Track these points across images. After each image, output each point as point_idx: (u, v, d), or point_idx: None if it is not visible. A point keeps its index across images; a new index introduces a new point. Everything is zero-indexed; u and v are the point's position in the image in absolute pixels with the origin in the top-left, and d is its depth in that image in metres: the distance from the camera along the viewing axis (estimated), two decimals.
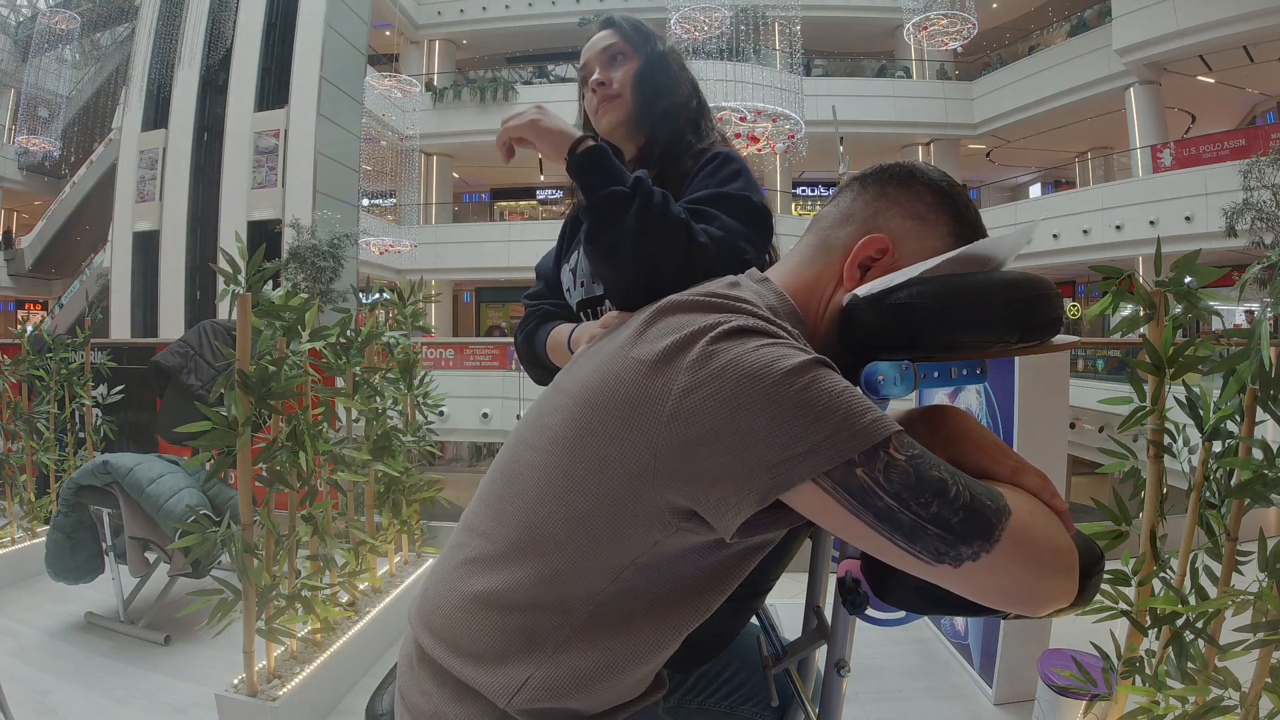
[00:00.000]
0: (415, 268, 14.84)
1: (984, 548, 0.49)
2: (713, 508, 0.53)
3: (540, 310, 1.22)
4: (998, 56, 16.40)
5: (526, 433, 0.68)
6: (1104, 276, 1.32)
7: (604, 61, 1.19)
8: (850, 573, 0.62)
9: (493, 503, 0.68)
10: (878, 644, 2.37)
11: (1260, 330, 1.15)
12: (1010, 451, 0.61)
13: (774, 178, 17.10)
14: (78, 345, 3.30)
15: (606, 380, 0.59)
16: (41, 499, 3.28)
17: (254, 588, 1.78)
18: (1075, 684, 1.48)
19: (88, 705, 2.01)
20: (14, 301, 18.80)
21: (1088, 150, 17.01)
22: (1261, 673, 1.16)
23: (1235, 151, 11.04)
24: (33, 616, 2.62)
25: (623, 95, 1.17)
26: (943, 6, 11.46)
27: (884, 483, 0.49)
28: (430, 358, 9.25)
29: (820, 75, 16.43)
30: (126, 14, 16.23)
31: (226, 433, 1.71)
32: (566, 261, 1.23)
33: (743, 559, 0.63)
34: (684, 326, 0.56)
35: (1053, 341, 0.65)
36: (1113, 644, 1.43)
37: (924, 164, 0.70)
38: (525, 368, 1.24)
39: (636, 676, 0.64)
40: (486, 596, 0.63)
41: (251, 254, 1.77)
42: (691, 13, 11.90)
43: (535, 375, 1.22)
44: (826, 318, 0.67)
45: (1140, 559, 1.33)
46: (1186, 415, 1.31)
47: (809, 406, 0.50)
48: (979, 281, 0.61)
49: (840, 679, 0.74)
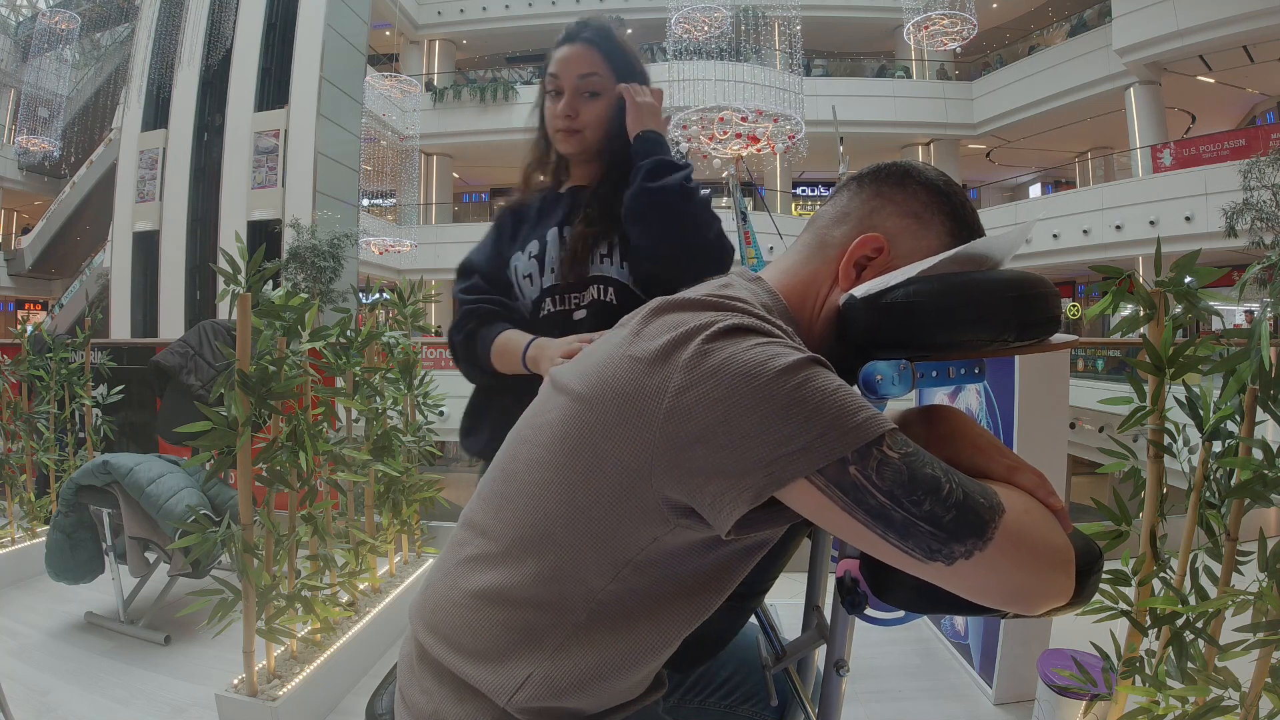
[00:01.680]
0: (415, 268, 14.83)
1: (977, 545, 0.49)
2: (709, 504, 0.54)
3: (480, 309, 1.18)
4: (998, 56, 16.41)
5: (525, 430, 0.68)
6: (1104, 276, 1.32)
7: (577, 89, 1.17)
8: (849, 572, 0.62)
9: (492, 500, 0.68)
10: (878, 644, 2.37)
11: (1260, 330, 1.15)
12: (1006, 450, 0.61)
13: (774, 178, 17.11)
14: (78, 345, 3.30)
15: (604, 377, 0.59)
16: (41, 499, 3.28)
17: (254, 588, 1.78)
18: (1075, 684, 1.48)
19: (88, 705, 2.01)
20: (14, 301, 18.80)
21: (1088, 150, 17.02)
22: (1261, 673, 1.16)
23: (1235, 151, 11.05)
24: (33, 616, 2.62)
25: (586, 134, 1.18)
26: (943, 6, 11.46)
27: (877, 480, 0.49)
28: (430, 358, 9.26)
29: (820, 75, 16.44)
30: (126, 14, 16.24)
31: (226, 433, 1.71)
32: (519, 250, 1.20)
33: (742, 558, 0.63)
34: (680, 325, 0.57)
35: (1051, 340, 0.65)
36: (1113, 644, 1.43)
37: (921, 163, 0.70)
38: (461, 367, 1.21)
39: (636, 676, 0.64)
40: (487, 594, 0.63)
41: (251, 254, 1.77)
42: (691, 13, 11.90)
43: (472, 376, 1.19)
44: (822, 317, 0.67)
45: (1140, 559, 1.33)
46: (1186, 415, 1.31)
47: (802, 405, 0.50)
48: (976, 280, 0.61)
49: (840, 679, 0.73)
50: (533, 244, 1.19)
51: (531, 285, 1.18)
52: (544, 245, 1.19)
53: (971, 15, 11.31)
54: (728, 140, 11.29)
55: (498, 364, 1.13)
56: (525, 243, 1.20)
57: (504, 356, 1.12)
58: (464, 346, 1.17)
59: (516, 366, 1.10)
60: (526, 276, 1.19)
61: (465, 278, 1.24)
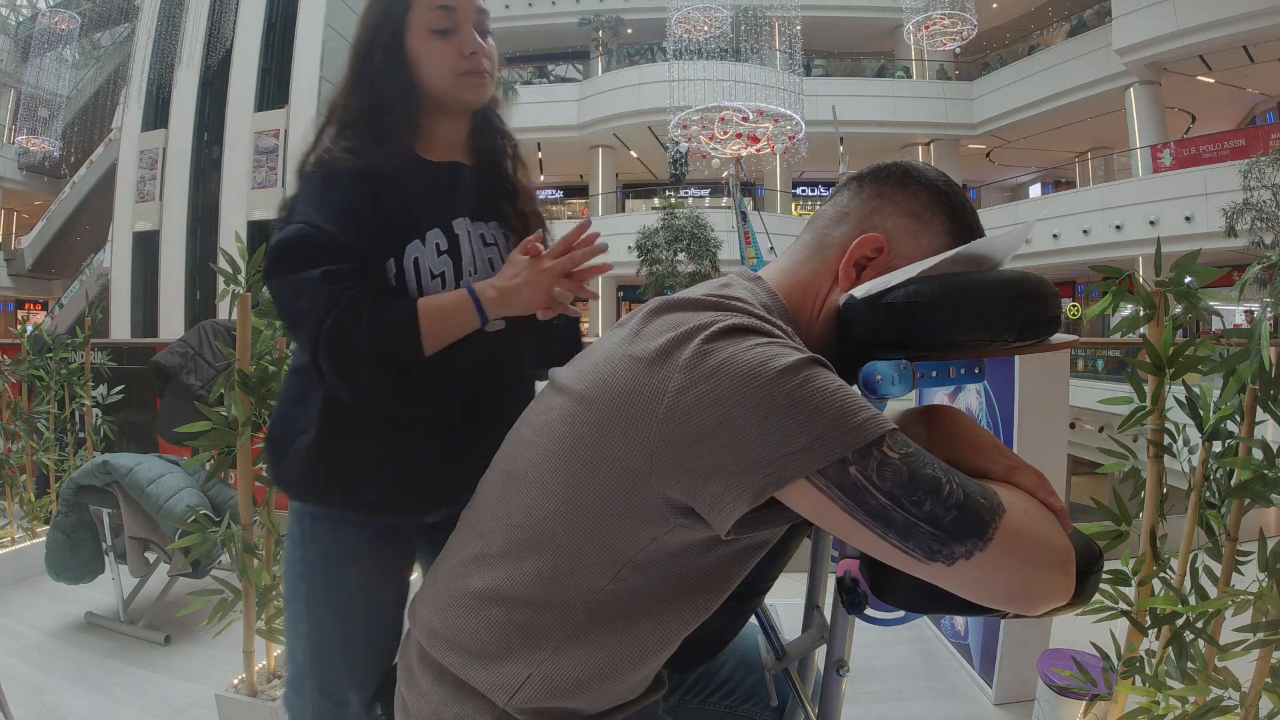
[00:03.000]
0: None
1: (977, 545, 0.49)
2: (708, 504, 0.54)
3: (360, 295, 0.87)
4: (997, 57, 16.41)
5: (525, 430, 0.68)
6: (1104, 276, 1.32)
7: (482, 27, 0.99)
8: (849, 572, 0.62)
9: (492, 501, 0.68)
10: (878, 644, 2.37)
11: (1260, 330, 1.15)
12: (1006, 450, 0.61)
13: (774, 178, 17.12)
14: (78, 345, 3.30)
15: (604, 377, 0.59)
16: (41, 499, 3.28)
17: (254, 588, 1.78)
18: (1075, 684, 1.48)
19: (88, 705, 2.01)
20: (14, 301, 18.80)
21: (1088, 150, 17.01)
22: (1261, 673, 1.16)
23: (1235, 151, 11.05)
24: (33, 616, 2.62)
25: (489, 81, 1.01)
26: (943, 6, 11.47)
27: (877, 480, 0.49)
28: None
29: (820, 75, 16.44)
30: (126, 14, 16.24)
31: (226, 433, 1.71)
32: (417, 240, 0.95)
33: (741, 558, 0.63)
34: (680, 324, 0.56)
35: (1051, 340, 0.65)
36: (1113, 644, 1.43)
37: (921, 164, 0.70)
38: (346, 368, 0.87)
39: (636, 676, 0.64)
40: (487, 594, 0.63)
41: (251, 254, 1.77)
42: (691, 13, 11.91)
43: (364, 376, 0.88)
44: (822, 317, 0.67)
45: (1140, 559, 1.33)
46: (1186, 415, 1.31)
47: (803, 405, 0.50)
48: (976, 280, 0.61)
49: (840, 679, 0.73)
50: (434, 234, 0.96)
51: (444, 288, 0.95)
52: (454, 240, 0.97)
53: (971, 15, 11.33)
54: (728, 140, 11.30)
55: (440, 330, 0.89)
56: (420, 230, 0.95)
57: (444, 318, 0.89)
58: (356, 332, 0.85)
59: (467, 323, 0.91)
60: (437, 277, 0.95)
61: (323, 260, 0.88)
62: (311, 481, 0.98)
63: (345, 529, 1.00)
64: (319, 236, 0.90)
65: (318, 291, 0.87)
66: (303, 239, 0.90)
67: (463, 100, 1.00)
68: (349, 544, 1.00)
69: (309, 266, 0.88)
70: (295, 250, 0.90)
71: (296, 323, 0.91)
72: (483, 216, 1.02)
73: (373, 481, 0.96)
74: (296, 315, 0.90)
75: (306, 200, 0.94)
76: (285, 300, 0.93)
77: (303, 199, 0.94)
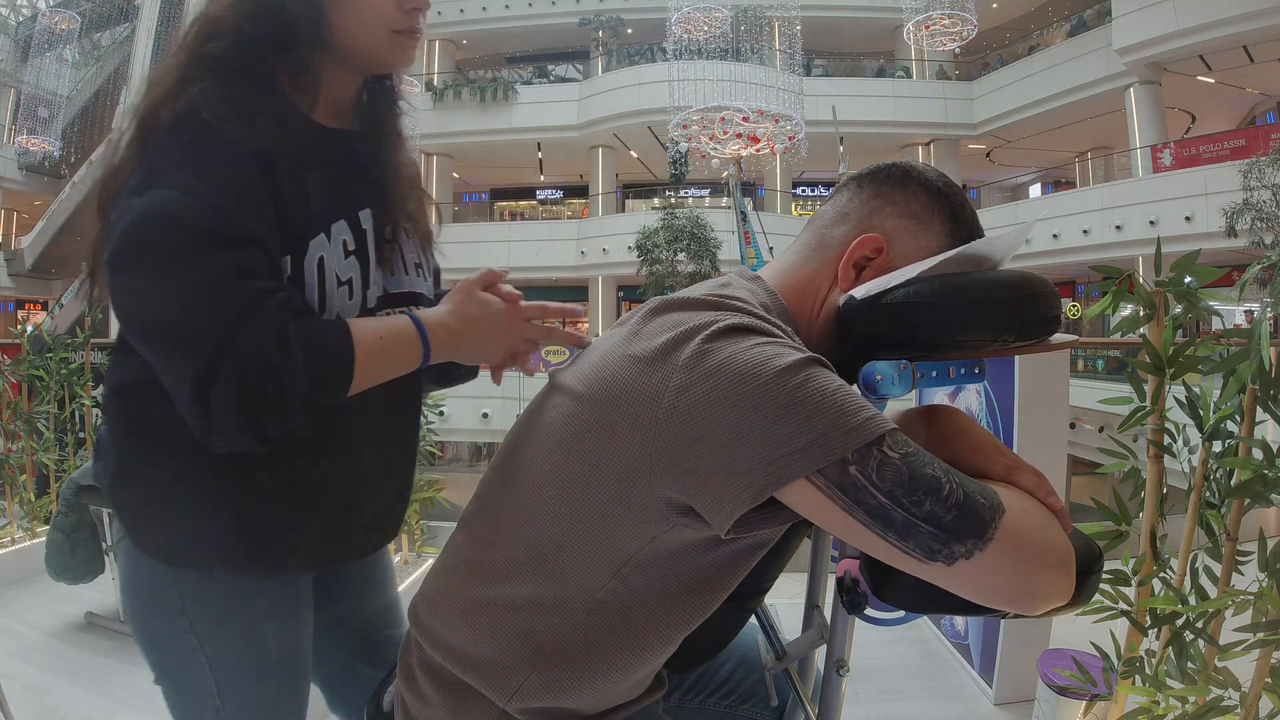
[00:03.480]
0: None
1: (977, 545, 0.49)
2: (708, 503, 0.54)
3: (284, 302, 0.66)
4: (997, 56, 16.41)
5: (524, 431, 0.68)
6: (1104, 276, 1.32)
7: None
8: (849, 572, 0.62)
9: (491, 503, 0.68)
10: (878, 644, 2.37)
11: (1260, 330, 1.15)
12: (1006, 450, 0.61)
13: (774, 178, 17.11)
14: (78, 345, 3.30)
15: (604, 377, 0.59)
16: (41, 499, 3.28)
17: None
18: (1075, 684, 1.47)
19: (88, 705, 2.01)
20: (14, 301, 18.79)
21: (1088, 150, 17.01)
22: (1261, 673, 1.16)
23: (1235, 151, 11.05)
24: (33, 616, 2.62)
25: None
26: (943, 6, 11.47)
27: (877, 480, 0.49)
28: None
29: (820, 75, 16.44)
30: (126, 14, 16.25)
31: None
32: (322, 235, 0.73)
33: (741, 558, 0.63)
34: (679, 324, 0.57)
35: (1050, 340, 0.65)
36: (1113, 644, 1.43)
37: (921, 164, 0.71)
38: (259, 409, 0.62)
39: (636, 676, 0.64)
40: (486, 596, 0.63)
41: None
42: (691, 13, 11.91)
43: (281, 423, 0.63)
44: (821, 317, 0.67)
45: (1140, 559, 1.32)
46: (1186, 415, 1.31)
47: (802, 405, 0.50)
48: (976, 280, 0.61)
49: (840, 679, 0.73)
50: (340, 228, 0.75)
51: (351, 298, 0.75)
52: (360, 236, 0.77)
53: (971, 15, 11.33)
54: (728, 140, 11.30)
55: (367, 370, 0.68)
56: (325, 222, 0.74)
57: (382, 353, 0.69)
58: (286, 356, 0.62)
59: (407, 362, 0.72)
60: (344, 284, 0.74)
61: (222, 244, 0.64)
62: (207, 548, 0.75)
63: (244, 582, 0.79)
64: (210, 212, 0.64)
65: (220, 289, 0.62)
66: (190, 212, 0.63)
67: (388, 63, 0.78)
68: (250, 598, 0.80)
69: (202, 253, 0.63)
70: (179, 227, 0.63)
71: (172, 335, 0.64)
72: (382, 206, 0.81)
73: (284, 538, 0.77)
74: (174, 324, 0.63)
75: (178, 163, 0.66)
76: (154, 301, 0.64)
77: (172, 162, 0.67)
